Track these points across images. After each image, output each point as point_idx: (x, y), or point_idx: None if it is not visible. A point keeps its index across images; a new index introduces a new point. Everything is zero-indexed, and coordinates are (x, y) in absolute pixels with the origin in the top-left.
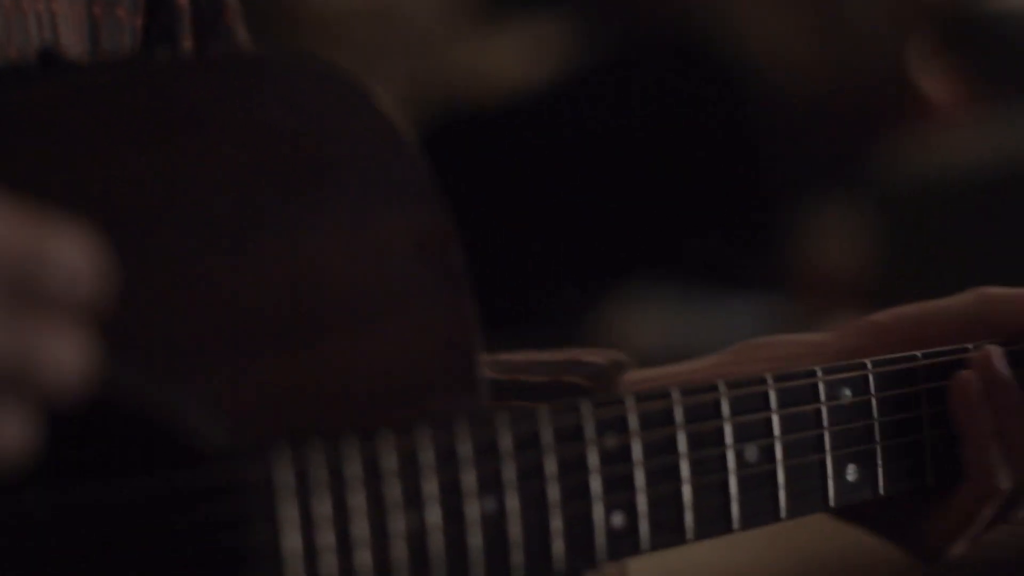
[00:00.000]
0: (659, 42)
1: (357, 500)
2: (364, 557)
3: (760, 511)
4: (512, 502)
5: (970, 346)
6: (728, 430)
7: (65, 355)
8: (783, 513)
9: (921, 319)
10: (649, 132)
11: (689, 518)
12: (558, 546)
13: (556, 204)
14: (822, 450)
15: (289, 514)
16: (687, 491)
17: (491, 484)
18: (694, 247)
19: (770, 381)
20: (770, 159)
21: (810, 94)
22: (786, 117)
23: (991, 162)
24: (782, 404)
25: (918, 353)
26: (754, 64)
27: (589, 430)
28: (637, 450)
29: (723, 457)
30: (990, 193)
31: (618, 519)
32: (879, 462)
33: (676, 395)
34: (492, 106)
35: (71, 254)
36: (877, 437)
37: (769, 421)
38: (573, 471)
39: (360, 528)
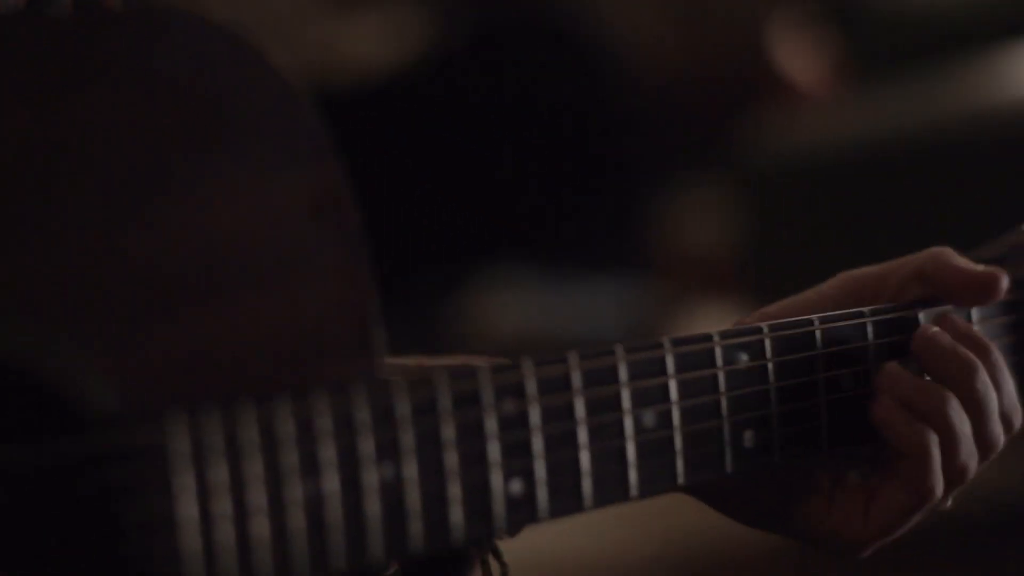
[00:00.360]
0: (519, 24)
1: (254, 467)
2: (261, 525)
3: (658, 478)
4: (410, 469)
5: (866, 311)
6: (626, 395)
7: None
8: (681, 479)
9: (805, 308)
10: (509, 115)
11: (587, 485)
12: (456, 513)
13: (415, 188)
14: (719, 415)
15: (184, 482)
16: (585, 457)
17: (389, 450)
18: (557, 230)
19: (667, 345)
20: (633, 141)
21: (671, 74)
22: (648, 98)
23: (854, 141)
24: (679, 369)
25: (814, 318)
26: (615, 45)
27: (487, 395)
28: (535, 416)
29: (621, 423)
30: (854, 172)
31: (516, 486)
32: (775, 427)
33: (574, 360)
34: (350, 88)
35: None
36: (773, 402)
37: (666, 386)
38: (471, 437)
39: (257, 496)
